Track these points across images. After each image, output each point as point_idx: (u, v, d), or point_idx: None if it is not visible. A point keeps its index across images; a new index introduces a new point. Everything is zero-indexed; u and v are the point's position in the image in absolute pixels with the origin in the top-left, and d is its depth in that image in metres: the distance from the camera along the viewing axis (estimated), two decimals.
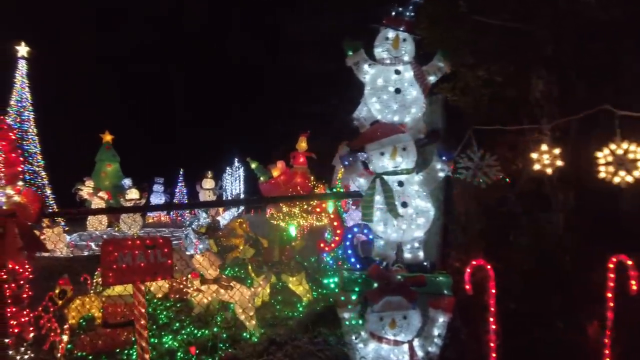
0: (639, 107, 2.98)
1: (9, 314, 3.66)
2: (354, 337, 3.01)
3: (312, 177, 16.02)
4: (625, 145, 2.94)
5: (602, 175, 2.99)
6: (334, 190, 10.02)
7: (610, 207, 3.73)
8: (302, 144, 16.01)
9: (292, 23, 19.41)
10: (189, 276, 6.32)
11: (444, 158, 3.10)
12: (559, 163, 3.11)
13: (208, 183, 15.93)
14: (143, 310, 4.86)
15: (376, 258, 3.07)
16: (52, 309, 6.05)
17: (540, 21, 4.90)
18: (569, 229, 3.86)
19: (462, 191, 3.90)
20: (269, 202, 9.55)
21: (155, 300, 6.90)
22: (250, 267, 6.51)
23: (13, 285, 3.67)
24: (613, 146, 2.98)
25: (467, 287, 3.14)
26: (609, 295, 2.96)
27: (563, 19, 4.63)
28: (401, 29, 3.12)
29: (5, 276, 3.63)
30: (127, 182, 13.33)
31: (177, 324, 6.14)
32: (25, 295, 3.83)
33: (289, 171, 15.40)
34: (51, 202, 12.32)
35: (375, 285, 2.94)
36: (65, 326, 5.04)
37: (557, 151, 3.11)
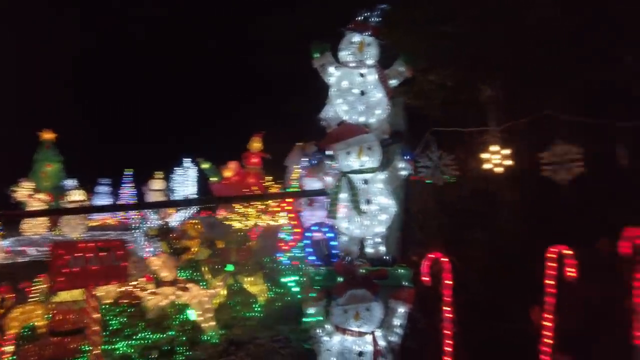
0: (578, 112, 3.32)
1: None
2: (319, 331, 3.09)
3: (266, 178, 15.94)
4: (565, 146, 3.27)
5: (545, 173, 3.29)
6: (289, 190, 10.06)
7: (552, 203, 4.10)
8: (256, 144, 15.92)
9: (250, 21, 19.18)
10: (143, 279, 6.13)
11: (406, 157, 3.26)
12: (508, 162, 3.38)
13: (157, 184, 15.40)
14: (96, 316, 4.69)
15: (340, 253, 3.17)
16: None
17: (491, 31, 5.27)
18: (514, 223, 4.18)
19: (421, 189, 4.12)
20: (228, 202, 9.41)
21: (105, 306, 6.61)
22: (206, 269, 6.42)
23: None
24: (555, 147, 3.29)
25: (425, 279, 3.34)
26: (550, 282, 3.25)
27: (512, 30, 5.02)
28: (366, 33, 3.25)
29: None
30: (69, 182, 12.59)
31: (130, 330, 5.95)
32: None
33: (242, 172, 15.23)
34: None
35: (340, 279, 3.04)
36: (6, 336, 4.74)
37: (506, 152, 3.37)
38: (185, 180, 17.42)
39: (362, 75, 3.25)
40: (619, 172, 3.35)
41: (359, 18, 3.30)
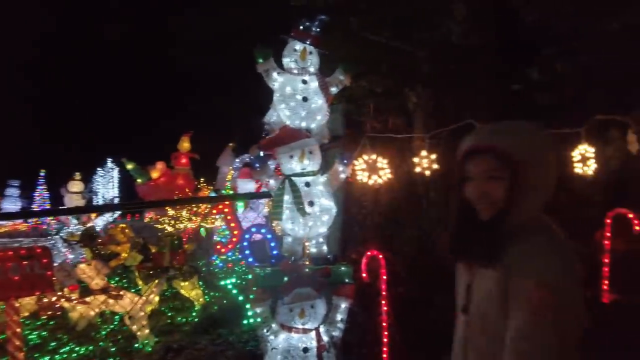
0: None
1: None
2: (265, 330, 3.17)
3: (196, 180, 15.52)
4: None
5: None
6: (223, 192, 9.94)
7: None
8: (185, 144, 15.45)
9: (177, 19, 18.54)
10: (66, 289, 5.76)
11: (345, 161, 3.45)
12: (435, 166, 3.71)
13: (75, 186, 14.36)
14: (18, 330, 4.36)
15: (285, 254, 3.28)
16: None
17: (418, 43, 5.68)
18: (440, 222, 4.57)
19: (359, 191, 4.33)
20: (170, 205, 9.03)
21: (22, 320, 6.11)
22: (138, 275, 6.18)
23: None
24: None
25: (364, 275, 3.56)
26: None
27: (436, 43, 5.45)
28: (308, 42, 3.39)
29: None
30: None
31: (54, 343, 5.58)
32: None
33: (170, 172, 14.70)
34: None
35: (286, 279, 3.15)
36: None
37: (433, 156, 3.70)
38: (108, 182, 16.38)
39: (304, 82, 3.39)
40: None
41: (301, 27, 3.43)
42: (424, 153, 3.51)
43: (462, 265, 1.50)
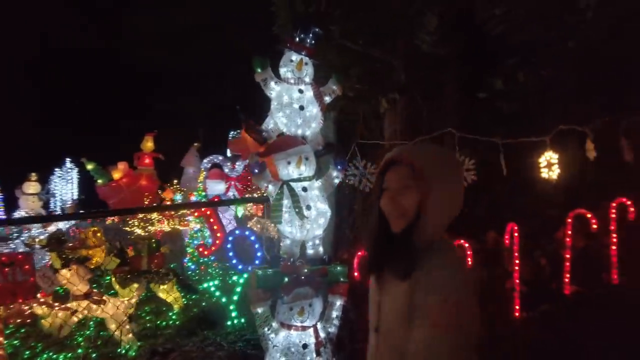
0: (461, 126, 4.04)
1: None
2: (266, 329, 3.32)
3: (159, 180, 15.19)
4: (462, 157, 3.98)
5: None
6: (195, 193, 9.87)
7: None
8: (148, 144, 15.11)
9: (140, 16, 18.10)
10: (38, 295, 5.59)
11: (338, 167, 3.65)
12: None
13: (32, 187, 13.62)
14: (0, 339, 4.28)
15: (284, 255, 3.43)
16: None
17: (393, 51, 5.97)
18: None
19: (350, 195, 4.52)
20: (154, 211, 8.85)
21: None
22: (114, 279, 6.11)
23: None
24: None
25: (356, 274, 3.78)
26: None
27: (410, 51, 5.76)
28: (303, 53, 3.56)
29: None
30: None
31: (28, 352, 5.44)
32: None
33: (132, 173, 14.36)
34: None
35: (286, 279, 3.31)
36: None
37: None
38: (67, 183, 15.66)
39: (300, 91, 3.55)
40: (503, 179, 4.20)
41: (296, 39, 3.59)
42: None
43: (374, 284, 1.60)
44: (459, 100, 6.98)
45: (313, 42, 3.62)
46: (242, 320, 5.45)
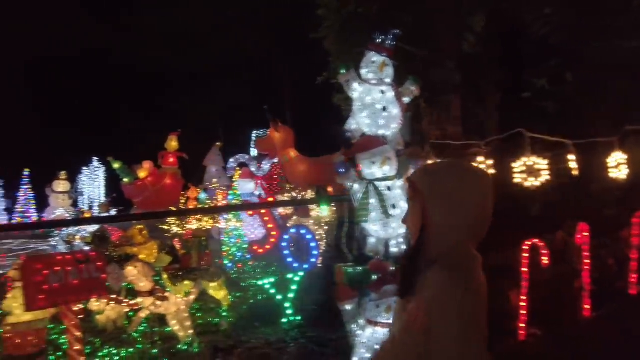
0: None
1: None
2: (354, 326, 3.38)
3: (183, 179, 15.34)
4: (533, 158, 4.01)
5: (516, 180, 3.99)
6: (231, 192, 9.95)
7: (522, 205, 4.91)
8: (173, 143, 15.24)
9: (153, 18, 18.27)
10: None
11: (415, 166, 3.70)
12: (492, 171, 4.02)
13: (61, 186, 13.85)
14: (78, 334, 4.38)
15: (369, 254, 3.49)
16: None
17: (448, 54, 6.02)
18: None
19: None
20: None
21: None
22: (166, 276, 6.20)
23: None
24: (525, 159, 4.02)
25: None
26: (525, 269, 3.98)
27: (463, 53, 5.81)
28: (384, 54, 3.62)
29: None
30: None
31: (89, 347, 5.54)
32: None
33: (157, 172, 14.51)
34: None
35: (374, 277, 3.37)
36: None
37: (490, 162, 4.01)
38: (94, 181, 15.86)
39: (382, 92, 3.61)
40: (572, 181, 4.23)
41: (377, 40, 3.65)
42: (481, 159, 3.82)
43: None
44: (502, 100, 7.01)
45: (393, 43, 3.68)
46: (299, 317, 5.52)
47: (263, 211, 6.27)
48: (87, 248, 8.72)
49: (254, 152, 17.39)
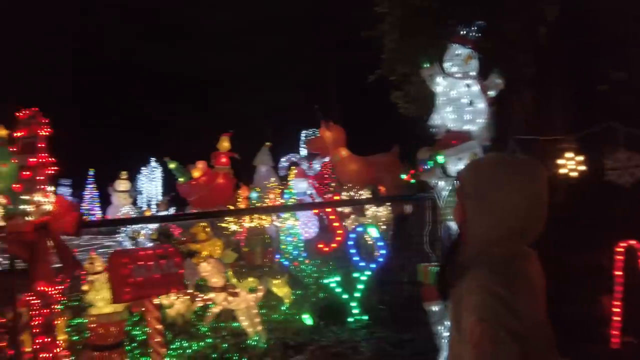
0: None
1: (39, 345, 3.12)
2: (440, 328, 3.27)
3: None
4: (628, 153, 3.75)
5: (609, 177, 3.74)
6: (287, 192, 10.04)
7: (613, 204, 4.61)
8: (225, 144, 15.62)
9: (199, 20, 18.80)
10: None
11: None
12: (582, 168, 3.78)
13: (122, 185, 14.53)
14: (159, 327, 4.51)
15: None
16: (6, 336, 5.23)
17: (521, 46, 5.75)
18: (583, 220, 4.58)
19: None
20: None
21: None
22: (231, 273, 6.31)
23: (45, 311, 3.13)
24: (618, 154, 3.76)
25: None
26: (619, 273, 3.71)
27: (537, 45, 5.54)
28: (469, 47, 3.49)
29: (36, 300, 3.09)
30: None
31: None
32: (56, 323, 3.28)
33: (210, 172, 14.91)
34: None
35: None
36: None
37: (580, 158, 3.78)
38: (152, 181, 16.58)
39: (467, 85, 3.48)
40: None
41: (461, 32, 3.53)
42: (569, 155, 3.61)
43: None
44: (576, 94, 6.62)
45: (478, 34, 3.54)
46: (366, 317, 5.46)
47: (329, 209, 6.24)
48: (150, 244, 9.09)
49: (303, 151, 17.54)
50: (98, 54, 17.84)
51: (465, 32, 3.52)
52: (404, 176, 11.77)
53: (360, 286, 5.49)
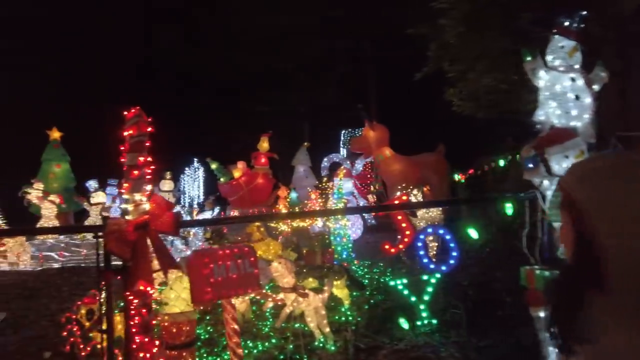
0: None
1: (137, 345, 3.12)
2: (547, 334, 3.08)
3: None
4: None
5: None
6: (336, 192, 9.93)
7: None
8: (264, 145, 15.71)
9: (239, 21, 19.01)
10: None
11: None
12: None
13: (167, 185, 14.85)
14: (236, 327, 4.47)
15: (562, 256, 3.17)
16: (78, 333, 5.30)
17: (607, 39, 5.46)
18: None
19: None
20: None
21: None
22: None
23: (144, 310, 3.13)
24: None
25: None
26: None
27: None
28: (573, 38, 3.28)
29: (136, 300, 3.09)
30: (92, 183, 11.86)
31: (224, 340, 5.71)
32: (154, 323, 3.28)
33: (250, 172, 14.99)
34: None
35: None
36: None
37: None
38: (194, 181, 16.88)
39: (572, 79, 3.28)
40: None
41: (564, 24, 3.33)
42: None
43: None
44: None
45: (581, 25, 3.34)
46: (434, 321, 5.29)
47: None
48: (200, 244, 9.18)
49: (343, 151, 17.48)
50: (141, 56, 18.37)
51: (568, 22, 3.32)
52: (457, 176, 11.54)
53: (429, 289, 5.33)
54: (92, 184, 11.84)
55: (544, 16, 3.46)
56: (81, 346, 5.03)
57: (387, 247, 6.00)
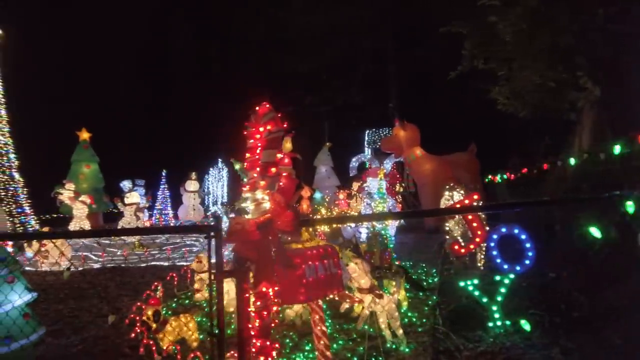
0: None
1: (256, 349, 3.04)
2: None
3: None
4: None
5: None
6: (376, 192, 9.83)
7: None
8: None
9: (265, 23, 18.99)
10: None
11: None
12: None
13: (192, 185, 14.79)
14: (324, 328, 4.40)
15: None
16: (146, 334, 5.26)
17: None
18: None
19: None
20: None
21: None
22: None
23: (264, 313, 3.05)
24: None
25: None
26: None
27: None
28: None
29: (258, 302, 3.01)
30: (126, 184, 11.79)
31: (289, 341, 5.64)
32: (273, 325, 3.20)
33: None
34: (26, 208, 10.37)
35: None
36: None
37: None
38: (219, 181, 16.81)
39: None
40: None
41: None
42: None
43: None
44: None
45: None
46: (508, 322, 5.21)
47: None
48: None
49: (367, 151, 17.42)
50: (164, 56, 18.37)
51: None
52: (504, 176, 11.43)
53: (503, 290, 5.25)
54: (126, 184, 11.77)
55: (618, 12, 3.36)
56: (154, 348, 4.97)
57: (456, 247, 5.91)
